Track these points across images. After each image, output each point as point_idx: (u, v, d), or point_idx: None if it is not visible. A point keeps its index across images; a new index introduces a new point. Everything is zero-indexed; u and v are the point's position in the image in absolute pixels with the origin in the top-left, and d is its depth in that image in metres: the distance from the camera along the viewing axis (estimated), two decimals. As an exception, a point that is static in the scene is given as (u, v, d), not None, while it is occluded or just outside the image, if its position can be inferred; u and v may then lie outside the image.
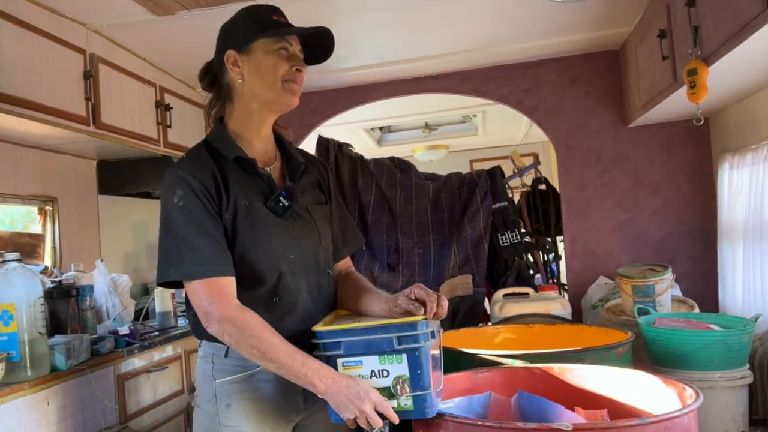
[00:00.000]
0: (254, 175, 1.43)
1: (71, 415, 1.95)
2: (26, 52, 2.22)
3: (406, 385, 1.27)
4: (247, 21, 1.43)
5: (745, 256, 2.81)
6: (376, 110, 4.28)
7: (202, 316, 1.34)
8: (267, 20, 1.42)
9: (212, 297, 1.32)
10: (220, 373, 1.42)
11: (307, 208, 1.48)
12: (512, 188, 3.87)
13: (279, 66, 1.42)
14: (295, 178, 1.49)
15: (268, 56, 1.41)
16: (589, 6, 2.79)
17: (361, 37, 3.03)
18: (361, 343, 1.29)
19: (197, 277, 1.32)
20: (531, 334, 2.30)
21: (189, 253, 1.32)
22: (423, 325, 1.28)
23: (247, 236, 1.37)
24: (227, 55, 1.43)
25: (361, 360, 1.29)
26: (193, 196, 1.35)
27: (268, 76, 1.42)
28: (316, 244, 1.47)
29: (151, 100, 3.01)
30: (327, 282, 1.51)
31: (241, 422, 1.40)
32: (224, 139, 1.45)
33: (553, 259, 3.83)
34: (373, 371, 1.29)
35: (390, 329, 1.28)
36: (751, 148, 2.75)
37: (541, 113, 3.61)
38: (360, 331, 1.30)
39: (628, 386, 1.47)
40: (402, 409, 1.28)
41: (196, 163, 1.40)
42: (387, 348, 1.28)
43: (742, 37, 1.86)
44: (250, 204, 1.39)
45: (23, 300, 1.81)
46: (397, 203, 3.73)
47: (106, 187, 3.31)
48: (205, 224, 1.34)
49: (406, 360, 1.27)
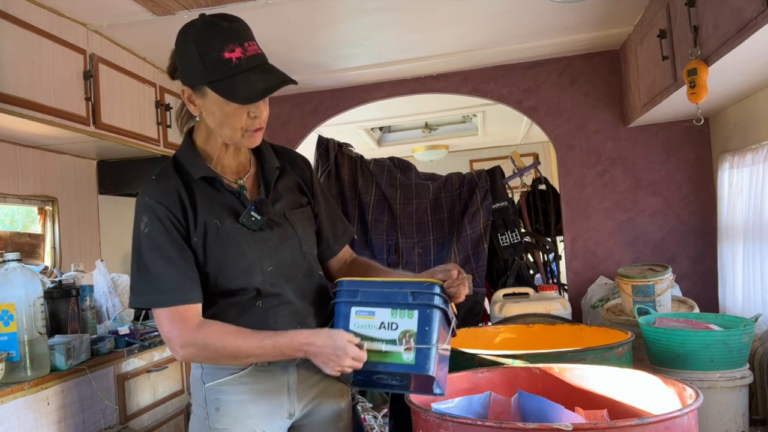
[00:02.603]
0: (224, 191, 1.41)
1: (71, 415, 1.95)
2: (26, 52, 2.22)
3: (411, 340, 1.31)
4: (196, 59, 1.28)
5: (745, 256, 2.81)
6: (376, 110, 4.28)
7: (166, 342, 1.36)
8: (217, 61, 1.26)
9: (172, 324, 1.33)
10: (209, 377, 1.42)
11: (284, 214, 1.45)
12: (512, 188, 3.87)
13: (235, 119, 1.33)
14: (270, 186, 1.46)
15: (222, 108, 1.31)
16: (589, 6, 2.79)
17: (361, 37, 3.03)
18: (377, 294, 1.35)
19: (157, 305, 1.34)
20: (531, 334, 2.30)
21: (152, 282, 1.33)
22: (438, 288, 1.33)
23: (219, 255, 1.37)
24: (182, 90, 1.37)
25: (373, 311, 1.35)
26: (158, 222, 1.34)
27: (225, 128, 1.35)
28: (296, 251, 1.45)
29: (151, 100, 3.01)
30: (315, 284, 1.50)
31: (231, 425, 1.40)
32: (191, 156, 1.42)
33: (553, 259, 3.84)
34: (383, 323, 1.33)
35: (407, 285, 1.35)
36: (751, 148, 2.75)
37: (541, 113, 3.61)
38: (378, 283, 1.38)
39: (628, 386, 1.47)
40: (403, 362, 1.30)
41: (164, 186, 1.38)
42: (401, 301, 1.33)
43: (742, 37, 1.86)
44: (221, 222, 1.38)
45: (23, 300, 1.81)
46: (397, 203, 3.73)
47: (106, 187, 3.31)
48: (168, 252, 1.34)
49: (417, 316, 1.32)
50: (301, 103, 3.85)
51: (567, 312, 3.12)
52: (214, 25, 1.29)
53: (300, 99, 3.84)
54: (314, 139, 3.86)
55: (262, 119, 1.36)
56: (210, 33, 1.29)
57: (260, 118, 1.35)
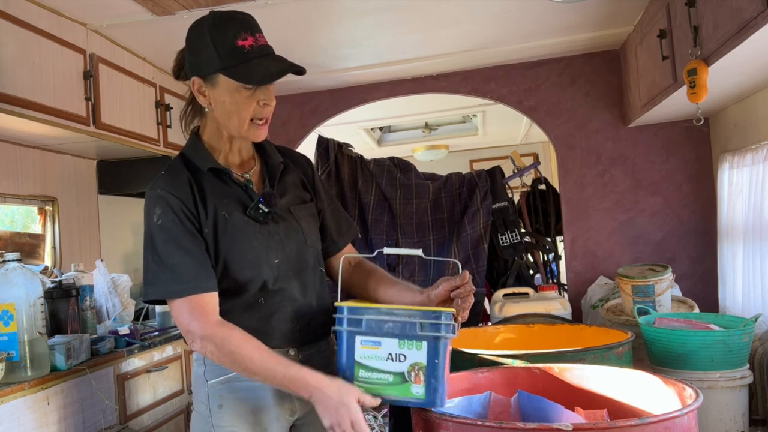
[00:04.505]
0: (232, 184, 1.43)
1: (71, 415, 1.95)
2: (26, 52, 2.22)
3: (421, 373, 1.27)
4: (210, 47, 1.34)
5: (745, 256, 2.81)
6: (376, 110, 4.28)
7: (185, 334, 1.35)
8: (231, 49, 1.32)
9: (192, 315, 1.33)
10: (212, 375, 1.42)
11: (289, 209, 1.47)
12: (512, 188, 3.87)
13: (244, 107, 1.36)
14: (275, 181, 1.48)
15: (233, 96, 1.35)
16: (589, 6, 2.79)
17: (361, 37, 3.03)
18: (383, 324, 1.29)
19: (176, 296, 1.34)
20: (531, 334, 2.29)
21: (168, 272, 1.34)
22: (448, 317, 1.27)
23: (228, 247, 1.38)
24: (192, 81, 1.39)
25: (380, 341, 1.29)
26: (172, 214, 1.36)
27: (233, 117, 1.37)
28: (302, 245, 1.47)
29: (151, 100, 3.01)
30: (318, 280, 1.51)
31: (234, 423, 1.40)
32: (199, 151, 1.44)
33: (552, 259, 3.84)
34: (390, 354, 1.28)
35: (414, 315, 1.28)
36: (751, 148, 2.75)
37: (541, 113, 3.61)
38: (383, 312, 1.30)
39: (628, 386, 1.47)
40: (413, 397, 1.27)
41: (174, 178, 1.40)
42: (409, 332, 1.27)
43: (742, 37, 1.86)
44: (229, 215, 1.39)
45: (23, 300, 1.81)
46: (397, 203, 3.73)
47: (106, 187, 3.31)
48: (183, 242, 1.35)
49: (425, 348, 1.27)
50: (301, 103, 3.85)
51: (567, 312, 3.12)
52: (227, 17, 1.36)
53: (300, 99, 3.84)
54: (314, 139, 3.86)
55: (271, 107, 1.39)
56: (224, 23, 1.35)
57: (270, 106, 1.38)
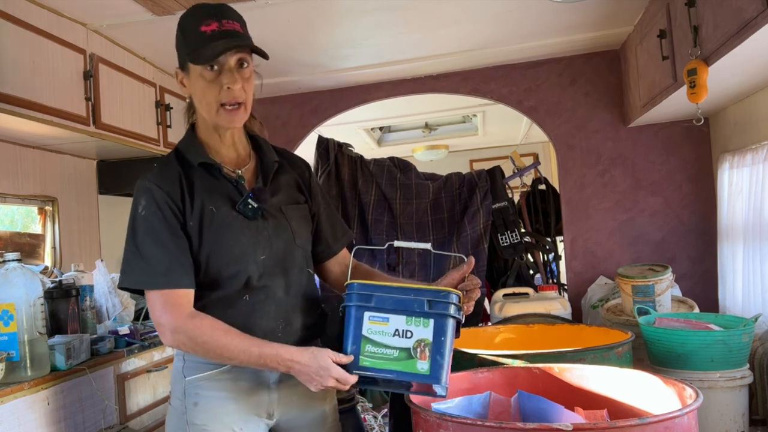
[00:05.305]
0: (222, 179, 1.44)
1: (71, 415, 1.95)
2: (26, 52, 2.22)
3: (426, 350, 1.29)
4: (180, 37, 1.39)
5: (745, 256, 2.81)
6: (376, 110, 4.28)
7: (156, 327, 1.36)
8: (194, 35, 1.35)
9: (164, 308, 1.34)
10: (190, 371, 1.42)
11: (280, 208, 1.47)
12: (512, 188, 3.87)
13: (209, 92, 1.37)
14: (268, 179, 1.48)
15: (198, 81, 1.37)
16: (589, 6, 2.79)
17: (361, 37, 3.03)
18: (393, 301, 1.33)
19: (148, 287, 1.35)
20: (531, 334, 2.29)
21: (142, 263, 1.35)
22: (455, 298, 1.32)
23: (213, 241, 1.38)
24: (175, 73, 1.44)
25: (388, 317, 1.32)
26: (155, 206, 1.36)
27: (203, 103, 1.39)
28: (290, 244, 1.47)
29: (151, 100, 3.01)
30: (305, 280, 1.51)
31: (208, 421, 1.40)
32: (192, 145, 1.46)
33: (552, 259, 3.84)
34: (397, 330, 1.31)
35: (423, 293, 1.32)
36: (751, 148, 2.75)
37: (541, 113, 3.61)
38: (393, 289, 1.34)
39: (628, 386, 1.47)
40: (417, 372, 1.29)
41: (164, 171, 1.42)
42: (417, 309, 1.31)
43: (742, 37, 1.86)
44: (217, 209, 1.40)
45: (23, 300, 1.81)
46: (397, 203, 3.73)
47: (106, 187, 3.31)
48: (162, 236, 1.35)
49: (432, 325, 1.30)
50: (301, 103, 3.85)
51: (567, 312, 3.12)
52: (199, 7, 1.38)
53: (300, 99, 3.84)
54: (314, 139, 3.86)
55: (235, 91, 1.36)
56: (195, 13, 1.38)
57: (233, 89, 1.36)
